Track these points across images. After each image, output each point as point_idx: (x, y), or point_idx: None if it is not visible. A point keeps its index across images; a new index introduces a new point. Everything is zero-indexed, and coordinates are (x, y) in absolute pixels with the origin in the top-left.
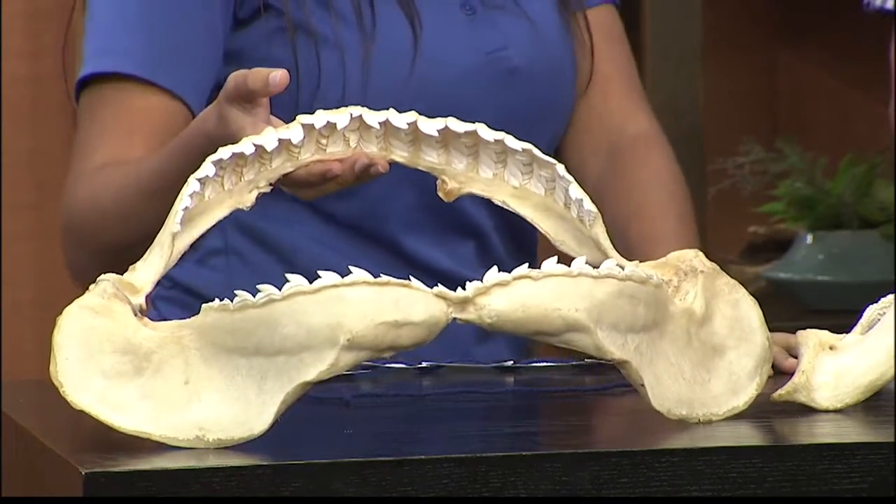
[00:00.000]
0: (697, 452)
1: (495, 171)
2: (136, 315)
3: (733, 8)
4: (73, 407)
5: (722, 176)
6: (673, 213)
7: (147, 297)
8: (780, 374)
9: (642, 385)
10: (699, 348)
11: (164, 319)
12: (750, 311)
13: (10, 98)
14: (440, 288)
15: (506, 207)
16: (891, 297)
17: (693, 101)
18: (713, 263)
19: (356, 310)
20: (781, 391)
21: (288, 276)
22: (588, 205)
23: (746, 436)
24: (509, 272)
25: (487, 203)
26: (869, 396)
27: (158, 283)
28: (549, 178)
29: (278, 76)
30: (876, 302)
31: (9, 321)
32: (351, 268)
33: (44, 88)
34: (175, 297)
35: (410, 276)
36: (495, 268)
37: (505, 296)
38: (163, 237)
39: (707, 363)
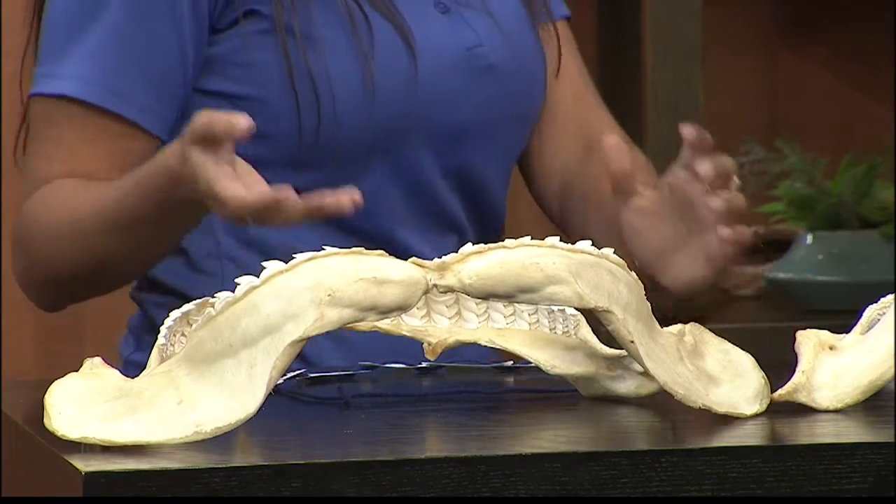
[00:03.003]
0: (697, 452)
1: (480, 320)
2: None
3: (733, 8)
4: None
5: None
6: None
7: None
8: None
9: (632, 342)
10: (693, 371)
11: (156, 326)
12: (741, 356)
13: (10, 98)
14: (415, 258)
15: (493, 346)
16: (891, 297)
17: (693, 101)
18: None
19: (334, 270)
20: (781, 391)
21: (264, 263)
22: (569, 311)
23: (746, 436)
24: None
25: (460, 196)
26: (869, 396)
27: (151, 289)
28: (531, 311)
29: (241, 122)
30: (876, 302)
31: (9, 321)
32: (325, 247)
33: None
34: (168, 303)
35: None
36: (469, 244)
37: (482, 260)
38: None
39: (704, 385)
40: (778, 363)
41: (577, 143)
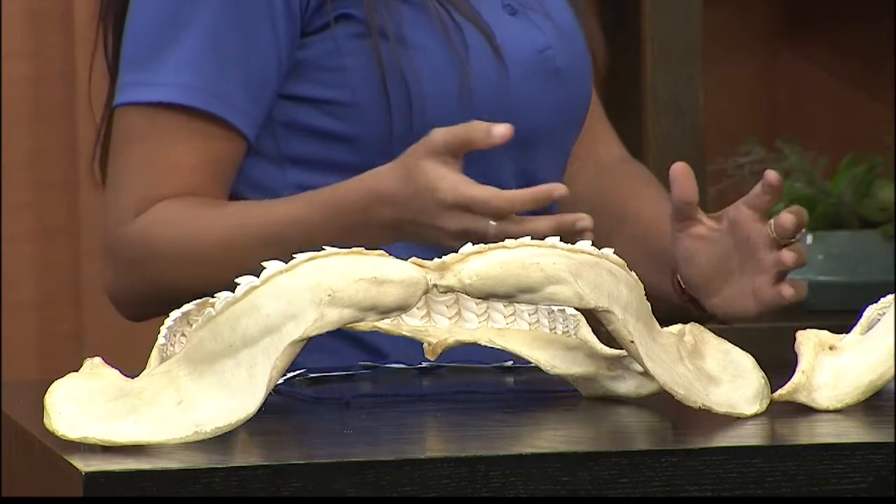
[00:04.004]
0: (697, 452)
1: (480, 320)
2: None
3: (733, 8)
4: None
5: (722, 176)
6: (655, 188)
7: None
8: (778, 372)
9: (632, 342)
10: (693, 371)
11: None
12: (741, 356)
13: (10, 98)
14: (415, 258)
15: (493, 346)
16: (891, 297)
17: (693, 101)
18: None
19: (334, 270)
20: (781, 391)
21: (264, 263)
22: (569, 311)
23: (746, 436)
24: None
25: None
26: (869, 396)
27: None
28: (531, 311)
29: (503, 129)
30: (876, 302)
31: (9, 321)
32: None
33: (44, 88)
34: None
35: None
36: (469, 244)
37: (482, 260)
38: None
39: (704, 385)
40: (778, 363)
41: (585, 160)
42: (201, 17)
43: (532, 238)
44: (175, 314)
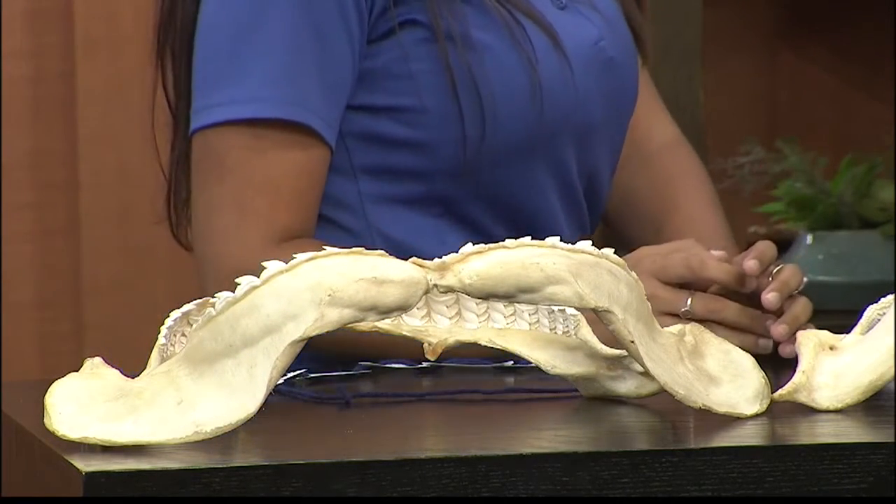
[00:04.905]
0: (697, 452)
1: (480, 320)
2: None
3: (733, 8)
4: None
5: (722, 176)
6: (718, 218)
7: None
8: (778, 371)
9: (632, 342)
10: (694, 371)
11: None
12: (742, 356)
13: (10, 98)
14: (415, 258)
15: (493, 346)
16: (891, 297)
17: (693, 101)
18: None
19: (335, 270)
20: (781, 391)
21: (264, 263)
22: (569, 311)
23: (746, 436)
24: None
25: (585, 195)
26: (869, 396)
27: None
28: (532, 311)
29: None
30: (876, 302)
31: (9, 321)
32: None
33: (44, 88)
34: None
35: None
36: (469, 244)
37: (482, 260)
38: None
39: (704, 385)
40: (778, 363)
41: (629, 145)
42: (276, 27)
43: None
44: (175, 314)
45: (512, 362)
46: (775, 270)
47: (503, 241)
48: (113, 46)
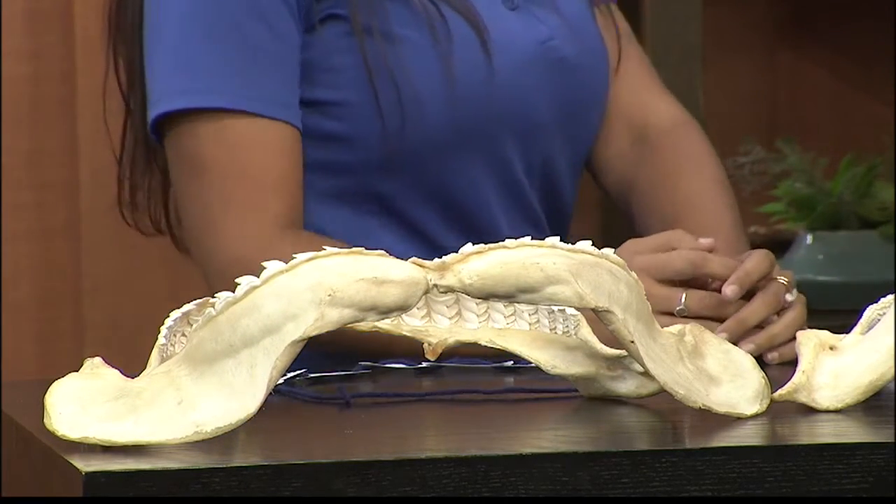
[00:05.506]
0: (697, 452)
1: (480, 320)
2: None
3: (733, 8)
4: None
5: None
6: (723, 202)
7: None
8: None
9: (632, 342)
10: (694, 371)
11: None
12: (741, 356)
13: (10, 98)
14: (415, 258)
15: (493, 346)
16: (891, 297)
17: (693, 101)
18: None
19: (335, 270)
20: (781, 391)
21: (264, 263)
22: (569, 311)
23: (746, 436)
24: None
25: (538, 190)
26: (869, 396)
27: None
28: (532, 311)
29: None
30: (876, 302)
31: (9, 321)
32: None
33: (44, 88)
34: None
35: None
36: (469, 244)
37: (482, 260)
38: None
39: (704, 385)
40: (778, 363)
41: (629, 133)
42: (223, 15)
43: None
44: (175, 314)
45: (512, 362)
46: (742, 257)
47: (440, 238)
48: None
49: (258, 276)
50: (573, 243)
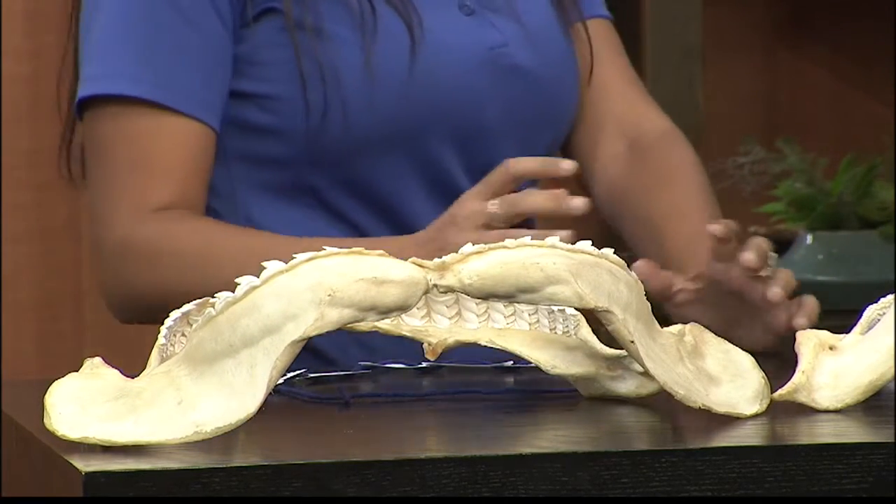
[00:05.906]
0: (697, 452)
1: (480, 320)
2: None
3: (733, 8)
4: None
5: (722, 176)
6: (708, 212)
7: None
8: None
9: (632, 342)
10: (693, 371)
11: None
12: (741, 356)
13: (10, 98)
14: (415, 258)
15: (493, 346)
16: (891, 297)
17: (693, 101)
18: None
19: (335, 270)
20: (781, 391)
21: (264, 263)
22: (569, 311)
23: (746, 436)
24: None
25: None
26: (869, 396)
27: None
28: (531, 311)
29: (567, 165)
30: (876, 302)
31: (9, 321)
32: (325, 246)
33: (44, 88)
34: None
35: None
36: (469, 244)
37: (482, 260)
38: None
39: (704, 385)
40: (778, 363)
41: (616, 144)
42: (138, 7)
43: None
44: (175, 314)
45: (512, 362)
46: (773, 271)
47: (371, 233)
48: None
49: (131, 263)
50: (573, 243)
